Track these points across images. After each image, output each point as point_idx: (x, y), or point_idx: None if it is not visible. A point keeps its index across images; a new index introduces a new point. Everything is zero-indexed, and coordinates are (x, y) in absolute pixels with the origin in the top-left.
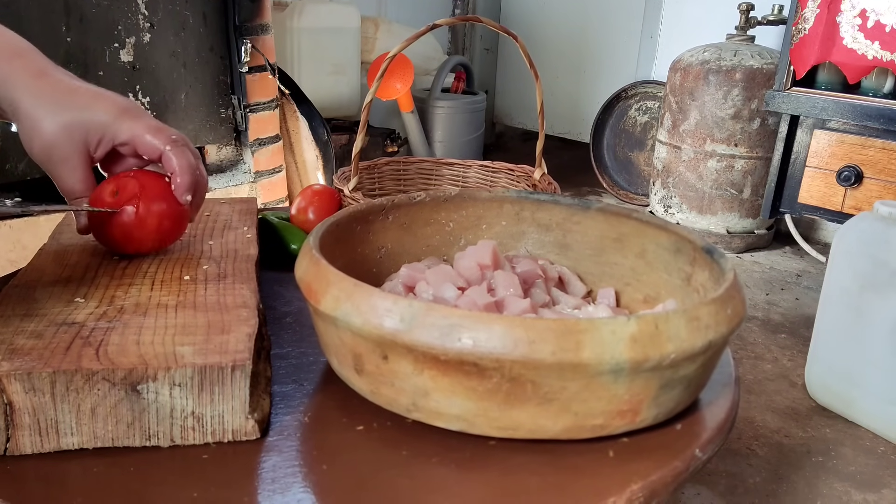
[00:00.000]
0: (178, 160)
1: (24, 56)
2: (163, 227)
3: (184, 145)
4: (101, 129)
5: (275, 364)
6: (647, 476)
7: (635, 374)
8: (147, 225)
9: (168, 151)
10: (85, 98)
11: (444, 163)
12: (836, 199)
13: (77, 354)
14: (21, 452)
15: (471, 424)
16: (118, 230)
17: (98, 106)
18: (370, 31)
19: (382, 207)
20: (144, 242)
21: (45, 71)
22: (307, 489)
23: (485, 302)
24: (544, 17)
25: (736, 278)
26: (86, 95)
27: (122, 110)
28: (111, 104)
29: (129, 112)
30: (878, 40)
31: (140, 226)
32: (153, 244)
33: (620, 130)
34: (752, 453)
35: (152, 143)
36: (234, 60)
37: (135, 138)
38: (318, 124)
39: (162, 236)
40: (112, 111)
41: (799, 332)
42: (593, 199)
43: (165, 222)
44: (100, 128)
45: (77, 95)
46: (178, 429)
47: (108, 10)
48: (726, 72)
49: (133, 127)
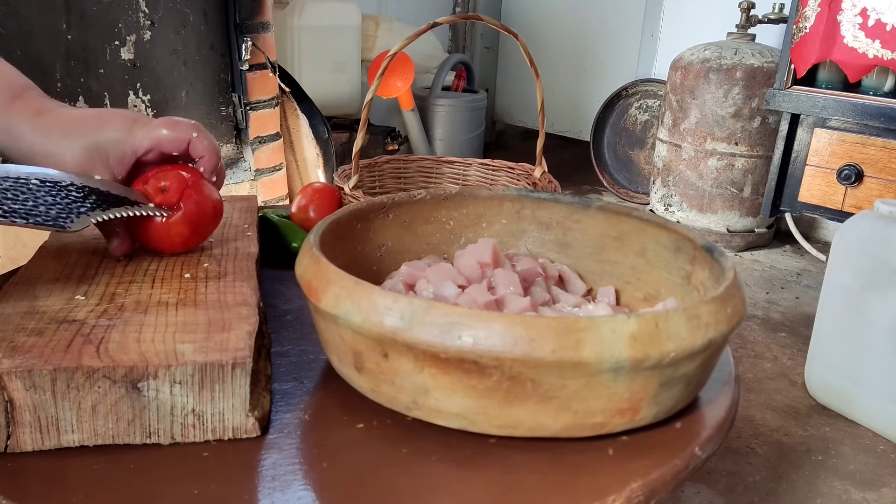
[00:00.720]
0: (206, 143)
1: (21, 97)
2: (214, 217)
3: (203, 130)
4: (120, 145)
5: (275, 362)
6: (646, 474)
7: (635, 373)
8: (205, 215)
9: (196, 138)
10: (92, 122)
11: (444, 161)
12: (836, 197)
13: (78, 352)
14: (22, 449)
15: (471, 422)
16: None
17: (107, 126)
18: (371, 29)
19: (383, 205)
20: (201, 233)
21: (45, 108)
22: (307, 487)
23: (485, 300)
24: (545, 16)
25: (736, 277)
26: (91, 120)
27: (132, 122)
28: (119, 120)
29: (138, 121)
30: (878, 39)
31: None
32: (202, 236)
33: (621, 129)
34: (752, 452)
35: (178, 136)
36: (235, 58)
37: (158, 140)
38: (318, 122)
39: (209, 227)
40: (123, 126)
41: (799, 330)
42: (594, 197)
43: (216, 211)
44: (118, 144)
45: (83, 123)
46: (178, 426)
47: (109, 8)
48: (727, 70)
49: (151, 132)
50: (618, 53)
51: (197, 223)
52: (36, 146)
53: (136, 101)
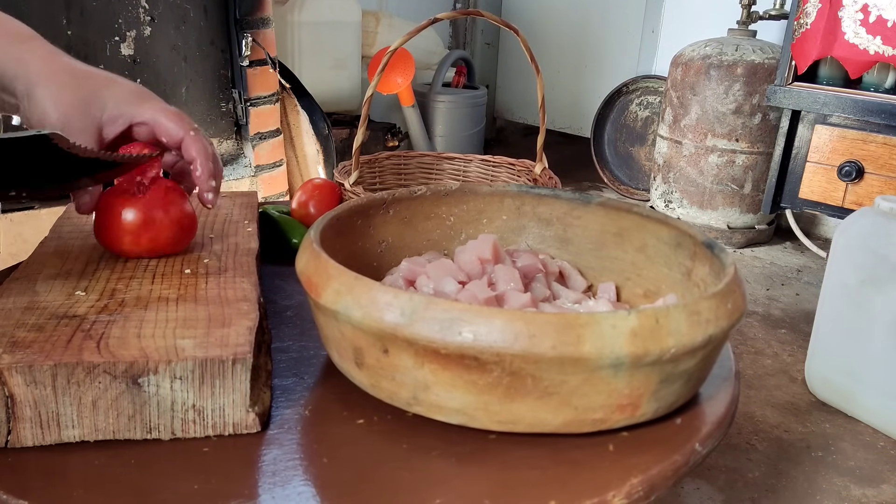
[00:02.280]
0: (201, 147)
1: (37, 38)
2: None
3: (200, 132)
4: (119, 107)
5: (275, 357)
6: (646, 470)
7: (635, 369)
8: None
9: (190, 137)
10: (100, 79)
11: (444, 157)
12: (836, 194)
13: (78, 347)
14: (22, 445)
15: (471, 418)
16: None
17: (114, 87)
18: (371, 25)
19: (383, 201)
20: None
21: (59, 53)
22: (308, 482)
23: (485, 296)
24: (545, 12)
25: (736, 273)
26: (101, 77)
27: (140, 93)
28: (127, 87)
29: (145, 95)
30: (879, 35)
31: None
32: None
33: (621, 125)
34: (752, 448)
35: (174, 128)
36: (235, 54)
37: (156, 121)
38: (318, 118)
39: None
40: (129, 93)
41: (799, 327)
42: (594, 193)
43: (186, 221)
44: (118, 105)
45: (92, 77)
46: (178, 422)
47: (109, 4)
48: (728, 67)
49: (154, 110)
50: (618, 50)
51: (169, 232)
52: (41, 80)
53: None
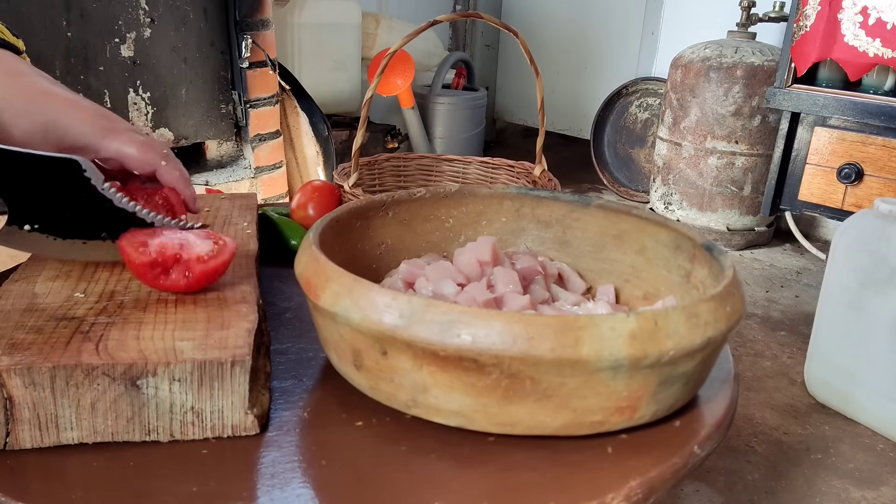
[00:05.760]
0: (176, 173)
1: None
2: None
3: (173, 157)
4: (81, 139)
5: (274, 359)
6: (645, 472)
7: (634, 371)
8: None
9: (164, 166)
10: (61, 104)
11: (444, 159)
12: (836, 196)
13: (77, 349)
14: (21, 447)
15: (469, 420)
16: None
17: (76, 115)
18: (371, 26)
19: (382, 203)
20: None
21: (19, 71)
22: (306, 484)
23: (484, 298)
24: (545, 14)
25: (735, 275)
26: (61, 101)
27: (103, 125)
28: (89, 115)
29: (109, 126)
30: (879, 37)
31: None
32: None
33: (621, 127)
34: (751, 450)
35: (146, 160)
36: (235, 56)
37: (124, 156)
38: (318, 120)
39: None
40: (92, 124)
41: (798, 329)
42: (593, 195)
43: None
44: (79, 137)
45: (52, 100)
46: (177, 424)
47: (109, 6)
48: (727, 69)
49: (119, 145)
50: (618, 51)
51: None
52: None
53: (136, 98)
